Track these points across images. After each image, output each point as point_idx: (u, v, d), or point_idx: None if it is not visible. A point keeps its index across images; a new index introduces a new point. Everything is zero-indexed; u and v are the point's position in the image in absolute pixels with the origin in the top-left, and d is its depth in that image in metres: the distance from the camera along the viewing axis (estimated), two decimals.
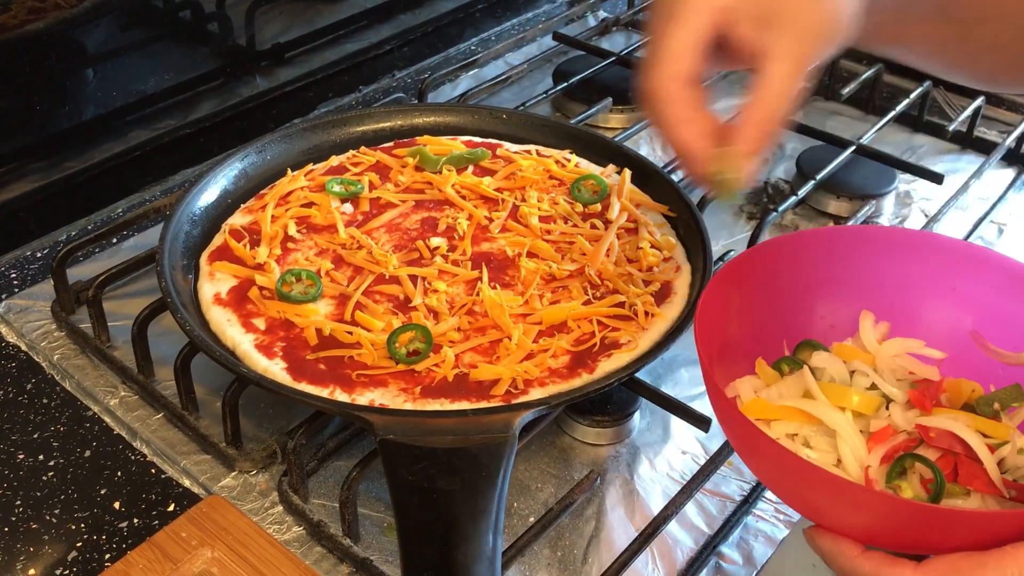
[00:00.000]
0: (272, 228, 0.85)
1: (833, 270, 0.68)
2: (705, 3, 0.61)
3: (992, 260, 0.67)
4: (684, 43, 0.62)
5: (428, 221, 0.88)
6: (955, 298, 0.67)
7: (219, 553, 0.68)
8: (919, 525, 0.51)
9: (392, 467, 0.62)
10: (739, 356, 0.66)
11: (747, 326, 0.66)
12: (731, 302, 0.65)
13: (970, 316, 0.67)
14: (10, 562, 0.71)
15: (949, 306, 0.67)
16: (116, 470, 0.78)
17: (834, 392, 0.61)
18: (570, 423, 0.81)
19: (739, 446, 0.60)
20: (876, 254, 0.68)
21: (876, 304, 0.68)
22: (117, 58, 1.12)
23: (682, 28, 0.62)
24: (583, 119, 1.12)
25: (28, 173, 1.06)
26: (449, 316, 0.77)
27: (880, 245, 0.69)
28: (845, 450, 0.58)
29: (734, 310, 0.65)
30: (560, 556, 0.72)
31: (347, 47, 1.34)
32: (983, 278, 0.66)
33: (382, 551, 0.71)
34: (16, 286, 0.96)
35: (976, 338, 0.66)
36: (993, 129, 1.24)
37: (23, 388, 0.85)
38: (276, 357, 0.73)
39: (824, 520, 0.54)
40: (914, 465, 0.57)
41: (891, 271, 0.68)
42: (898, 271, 0.68)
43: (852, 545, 0.52)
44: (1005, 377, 0.63)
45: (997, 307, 0.66)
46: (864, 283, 0.68)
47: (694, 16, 0.62)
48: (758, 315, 0.67)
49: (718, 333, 0.63)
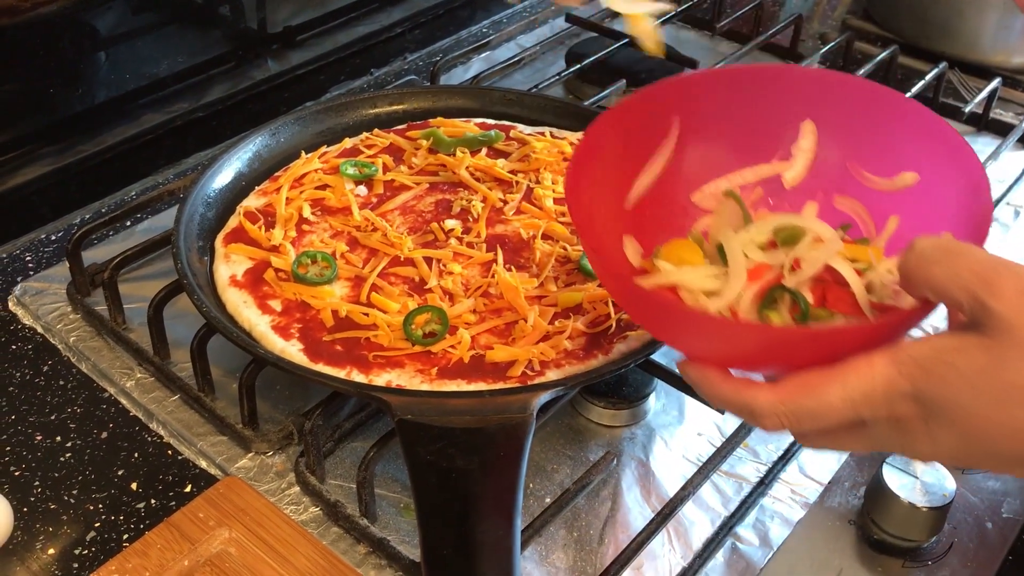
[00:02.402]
0: (287, 210, 0.85)
1: (713, 114, 0.67)
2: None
3: (853, 85, 0.65)
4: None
5: (442, 203, 0.88)
6: (831, 128, 0.66)
7: (236, 533, 0.69)
8: (769, 347, 0.53)
9: (410, 447, 0.62)
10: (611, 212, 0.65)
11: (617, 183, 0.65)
12: (601, 160, 0.64)
13: (839, 146, 0.66)
14: (30, 542, 0.71)
15: (826, 137, 0.66)
16: (133, 451, 0.78)
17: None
18: (585, 405, 0.81)
19: (614, 291, 0.62)
20: (754, 95, 0.66)
21: (743, 143, 0.67)
22: (129, 41, 1.11)
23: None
24: (596, 101, 1.12)
25: (42, 157, 1.06)
26: (465, 298, 0.77)
27: (755, 84, 0.67)
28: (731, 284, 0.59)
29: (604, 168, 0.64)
30: (576, 536, 0.72)
31: (359, 30, 1.34)
32: (846, 107, 0.65)
33: (399, 531, 0.72)
34: (31, 269, 0.96)
35: (852, 167, 0.65)
36: (1009, 111, 1.23)
37: (40, 370, 0.85)
38: (293, 338, 0.73)
39: (687, 350, 0.56)
40: (784, 296, 0.58)
41: (757, 109, 0.66)
42: (763, 107, 0.66)
43: (716, 371, 0.53)
44: (877, 202, 0.64)
45: (864, 134, 0.65)
46: (730, 124, 0.67)
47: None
48: (627, 169, 0.66)
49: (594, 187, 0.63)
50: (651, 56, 1.24)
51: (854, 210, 0.65)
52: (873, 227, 0.64)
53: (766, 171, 0.67)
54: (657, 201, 0.66)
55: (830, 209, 0.66)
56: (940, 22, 1.30)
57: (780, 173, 0.67)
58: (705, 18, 1.39)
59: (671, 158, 0.66)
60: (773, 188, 0.67)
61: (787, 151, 0.67)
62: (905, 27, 1.35)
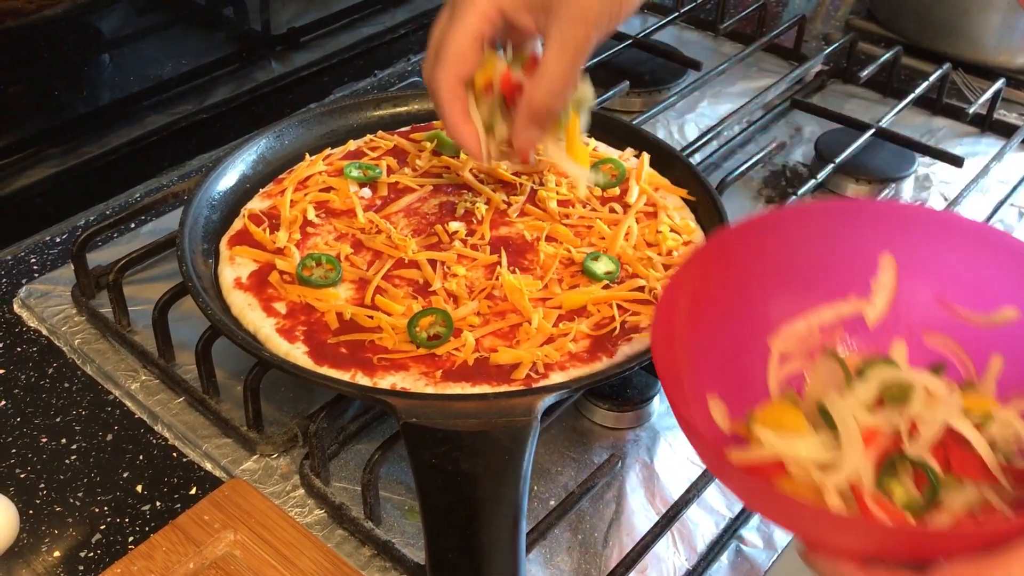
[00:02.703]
0: (291, 213, 0.85)
1: (787, 253, 0.64)
2: (483, 1, 0.67)
3: (947, 223, 0.63)
4: (464, 43, 0.69)
5: (446, 205, 0.88)
6: (914, 263, 0.63)
7: (242, 536, 0.69)
8: (911, 545, 0.49)
9: (415, 450, 0.62)
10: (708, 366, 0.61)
11: (709, 329, 0.62)
12: (685, 309, 0.61)
13: (922, 279, 0.63)
14: (35, 544, 0.71)
15: (909, 272, 0.63)
16: (138, 454, 0.78)
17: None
18: (589, 407, 0.81)
19: (716, 471, 0.57)
20: (828, 231, 0.64)
21: (836, 280, 0.64)
22: (133, 43, 1.12)
23: (461, 28, 0.69)
24: (600, 103, 1.12)
25: (46, 158, 1.07)
26: (469, 300, 0.77)
27: (829, 222, 0.64)
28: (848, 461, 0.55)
29: (690, 318, 0.61)
30: (581, 539, 0.72)
31: (362, 31, 1.34)
32: (940, 243, 0.63)
33: (403, 534, 0.72)
34: (36, 271, 0.96)
35: (943, 301, 0.62)
36: (1014, 112, 1.23)
37: (45, 372, 0.85)
38: (297, 341, 0.73)
39: (817, 547, 0.51)
40: (906, 464, 0.54)
41: (831, 245, 0.64)
42: (850, 245, 0.64)
43: (850, 563, 0.50)
44: (976, 341, 0.61)
45: (959, 269, 0.62)
46: (816, 264, 0.64)
47: (472, 15, 0.68)
48: (717, 316, 0.62)
49: (681, 343, 0.59)
50: (655, 56, 1.25)
51: (948, 348, 0.62)
52: (972, 366, 0.60)
53: (846, 309, 0.63)
54: (733, 348, 0.62)
55: (919, 347, 0.62)
56: (944, 23, 1.30)
57: (861, 311, 0.64)
58: (708, 19, 1.39)
59: (745, 301, 0.63)
60: (853, 326, 0.64)
61: (865, 287, 0.63)
62: (909, 28, 1.34)
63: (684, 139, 1.16)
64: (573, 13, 0.66)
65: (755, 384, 0.62)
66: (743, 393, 0.61)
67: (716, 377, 0.61)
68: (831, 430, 0.56)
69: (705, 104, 1.23)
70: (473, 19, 0.69)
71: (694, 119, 1.20)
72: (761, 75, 1.29)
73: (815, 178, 1.02)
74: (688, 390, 0.59)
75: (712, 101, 1.24)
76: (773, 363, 0.63)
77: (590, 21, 0.67)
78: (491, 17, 0.69)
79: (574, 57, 0.68)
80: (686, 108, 1.21)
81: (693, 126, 1.19)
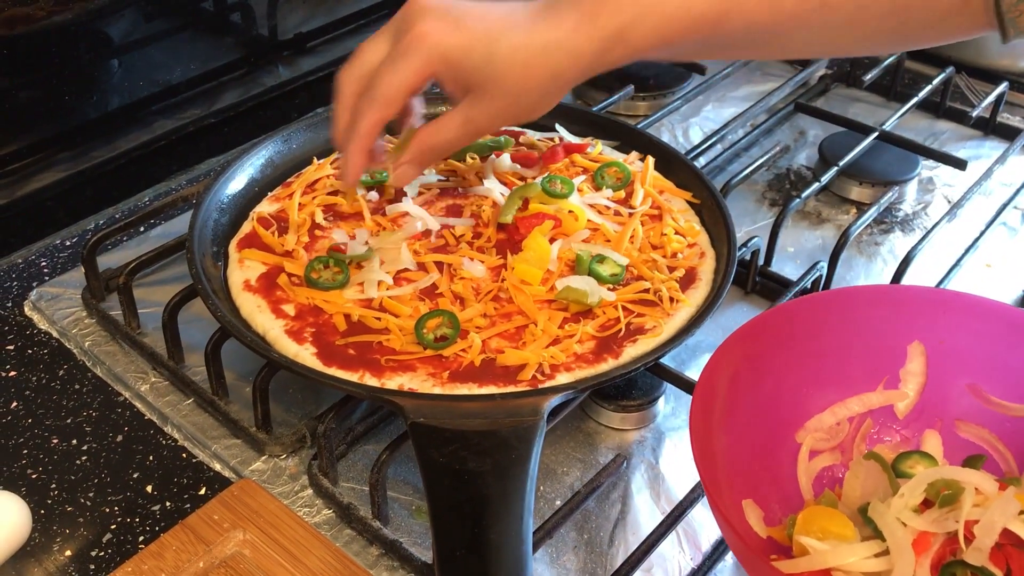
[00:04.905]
0: (299, 216, 0.86)
1: (812, 343, 0.63)
2: (428, 51, 0.69)
3: (976, 307, 0.61)
4: (401, 91, 0.71)
5: (453, 208, 0.88)
6: (944, 351, 0.61)
7: (251, 536, 0.69)
8: None
9: (423, 450, 0.63)
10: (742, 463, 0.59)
11: (742, 423, 0.60)
12: (718, 405, 0.59)
13: (953, 367, 0.61)
14: (47, 543, 0.72)
15: (939, 360, 0.61)
16: (148, 454, 0.79)
17: None
18: (595, 408, 0.82)
19: None
20: (856, 317, 0.63)
21: (862, 369, 0.63)
22: (142, 49, 1.13)
23: (401, 76, 0.70)
24: (605, 106, 1.12)
25: (56, 163, 1.08)
26: (475, 302, 0.78)
27: (856, 306, 0.63)
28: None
29: (723, 412, 0.60)
30: (587, 539, 0.73)
31: (369, 35, 1.34)
32: (972, 327, 0.61)
33: (411, 533, 0.72)
34: (47, 274, 0.97)
35: (975, 390, 0.61)
36: (1017, 115, 1.24)
37: (55, 374, 0.86)
38: (306, 342, 0.74)
39: None
40: (966, 572, 0.52)
41: (857, 333, 0.62)
42: (878, 332, 0.62)
43: None
44: (1014, 433, 0.59)
45: (991, 356, 0.60)
46: (843, 352, 0.62)
47: (416, 62, 0.69)
48: (747, 409, 0.61)
49: (716, 443, 0.57)
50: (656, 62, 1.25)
51: (984, 439, 0.60)
52: (1012, 459, 0.59)
53: (875, 400, 0.62)
54: (764, 444, 0.60)
55: (953, 438, 0.60)
56: None
57: (891, 402, 0.62)
58: None
59: (774, 392, 0.61)
60: (882, 416, 0.62)
61: (893, 376, 0.62)
62: None
63: (689, 142, 1.17)
64: (487, 106, 0.71)
65: (785, 482, 0.61)
66: (775, 492, 0.60)
67: (749, 479, 0.60)
68: (873, 533, 0.55)
69: (709, 108, 1.24)
70: (416, 66, 0.70)
71: (698, 123, 1.21)
72: (765, 79, 1.29)
73: (819, 181, 1.02)
74: (727, 497, 0.57)
75: (716, 105, 1.24)
76: (803, 459, 0.62)
77: (499, 117, 0.72)
78: (430, 71, 0.70)
79: (472, 136, 0.74)
80: (690, 112, 1.22)
81: (697, 130, 1.20)
